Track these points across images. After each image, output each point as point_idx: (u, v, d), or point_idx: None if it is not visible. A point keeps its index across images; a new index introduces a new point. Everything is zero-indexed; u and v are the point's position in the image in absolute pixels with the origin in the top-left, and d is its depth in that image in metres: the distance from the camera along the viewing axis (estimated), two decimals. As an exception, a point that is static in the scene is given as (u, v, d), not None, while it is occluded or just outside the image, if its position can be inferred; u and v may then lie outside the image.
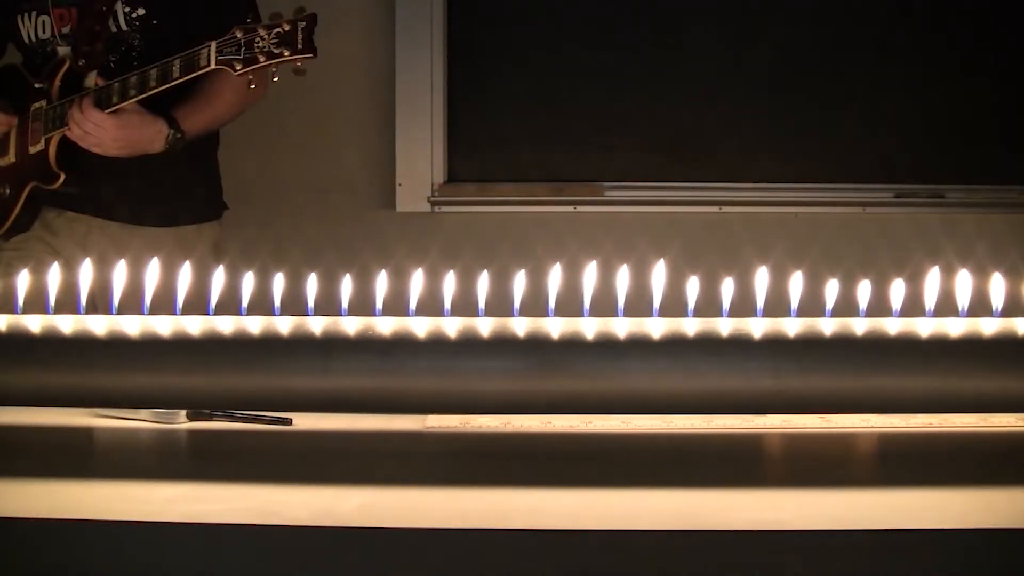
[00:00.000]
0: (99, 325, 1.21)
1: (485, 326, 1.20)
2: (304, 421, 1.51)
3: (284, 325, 1.21)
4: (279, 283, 1.29)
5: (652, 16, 3.58)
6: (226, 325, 1.21)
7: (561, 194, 3.59)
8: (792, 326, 1.20)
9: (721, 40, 3.59)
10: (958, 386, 1.19)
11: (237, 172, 2.77)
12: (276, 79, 2.31)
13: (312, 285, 1.29)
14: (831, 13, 3.59)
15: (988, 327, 1.19)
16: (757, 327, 1.19)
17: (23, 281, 1.30)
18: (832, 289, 1.26)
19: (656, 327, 1.20)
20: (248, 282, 1.29)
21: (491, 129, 3.62)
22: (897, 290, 1.26)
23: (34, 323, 1.22)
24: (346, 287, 1.29)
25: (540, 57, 3.60)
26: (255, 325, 1.21)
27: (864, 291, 1.26)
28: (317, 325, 1.21)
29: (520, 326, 1.20)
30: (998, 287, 1.27)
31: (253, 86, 2.33)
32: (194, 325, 1.21)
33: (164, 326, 1.21)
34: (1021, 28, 3.59)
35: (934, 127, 3.59)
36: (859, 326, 1.19)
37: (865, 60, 3.59)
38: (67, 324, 1.22)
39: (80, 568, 1.11)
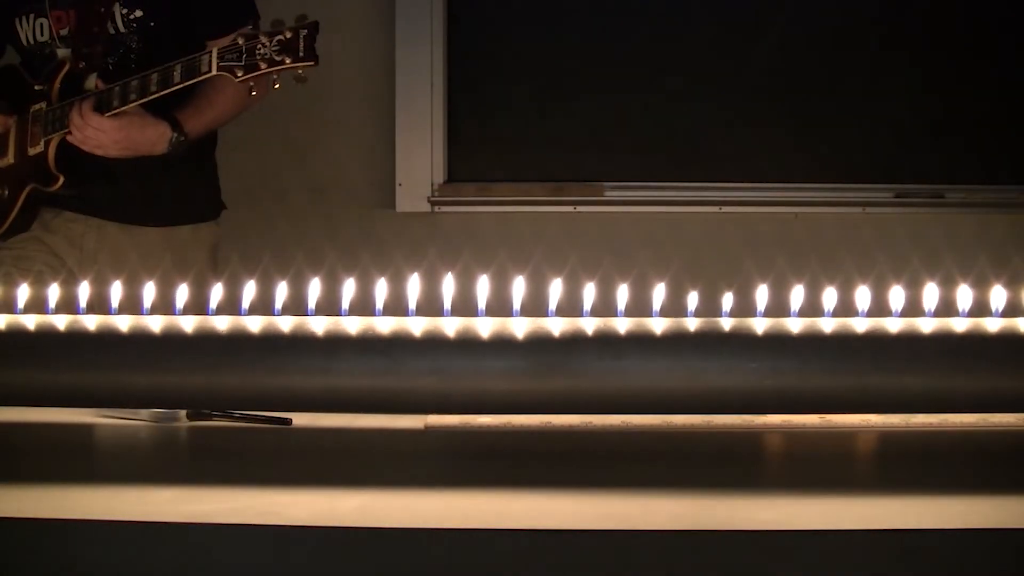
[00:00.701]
0: (99, 325, 1.21)
1: (485, 326, 1.20)
2: (304, 421, 1.51)
3: (284, 325, 1.21)
4: (278, 283, 1.29)
5: (652, 16, 3.58)
6: (226, 325, 1.21)
7: (561, 194, 3.59)
8: (792, 326, 1.19)
9: (721, 40, 3.58)
10: (958, 386, 1.18)
11: (236, 172, 2.77)
12: (277, 86, 2.31)
13: (312, 285, 1.29)
14: (831, 13, 3.58)
15: (988, 327, 1.19)
16: (757, 327, 1.19)
17: (22, 282, 1.30)
18: (832, 289, 1.26)
19: (656, 327, 1.20)
20: (247, 282, 1.29)
21: (491, 129, 3.62)
22: (897, 290, 1.25)
23: (34, 323, 1.21)
24: (346, 287, 1.29)
25: (539, 57, 3.60)
26: (255, 325, 1.21)
27: (864, 291, 1.26)
28: (317, 325, 1.21)
29: (520, 326, 1.20)
30: (997, 287, 1.26)
31: (254, 92, 2.33)
32: (194, 325, 1.21)
33: (164, 326, 1.21)
34: (1021, 28, 3.59)
35: (934, 127, 3.58)
36: (859, 326, 1.19)
37: (865, 60, 3.59)
38: (67, 324, 1.22)
39: (80, 568, 1.11)
